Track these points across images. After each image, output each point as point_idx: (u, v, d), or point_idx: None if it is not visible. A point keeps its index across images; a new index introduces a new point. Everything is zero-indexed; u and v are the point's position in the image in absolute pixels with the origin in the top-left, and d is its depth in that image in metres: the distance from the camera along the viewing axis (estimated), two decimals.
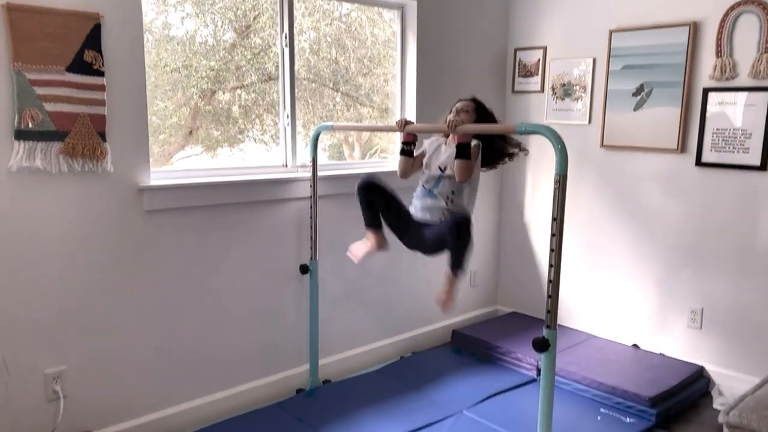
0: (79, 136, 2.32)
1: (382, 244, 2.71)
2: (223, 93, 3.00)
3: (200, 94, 2.91)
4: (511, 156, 2.68)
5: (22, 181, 2.22)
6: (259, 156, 3.14)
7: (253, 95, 3.08)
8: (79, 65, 2.30)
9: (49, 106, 2.24)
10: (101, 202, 2.42)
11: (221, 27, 2.94)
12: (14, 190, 2.21)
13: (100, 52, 2.34)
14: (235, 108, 3.03)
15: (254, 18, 3.03)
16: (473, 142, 2.45)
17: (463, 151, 2.41)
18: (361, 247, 2.74)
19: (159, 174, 2.63)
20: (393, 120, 3.61)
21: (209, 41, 2.88)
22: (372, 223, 2.68)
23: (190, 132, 2.98)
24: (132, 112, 2.47)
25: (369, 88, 3.59)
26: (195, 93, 2.89)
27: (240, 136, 3.08)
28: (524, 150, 2.70)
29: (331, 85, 3.39)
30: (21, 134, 2.19)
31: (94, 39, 2.32)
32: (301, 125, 3.16)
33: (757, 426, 2.18)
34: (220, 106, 3.00)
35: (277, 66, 3.07)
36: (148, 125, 2.53)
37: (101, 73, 2.35)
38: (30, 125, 2.20)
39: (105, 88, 2.36)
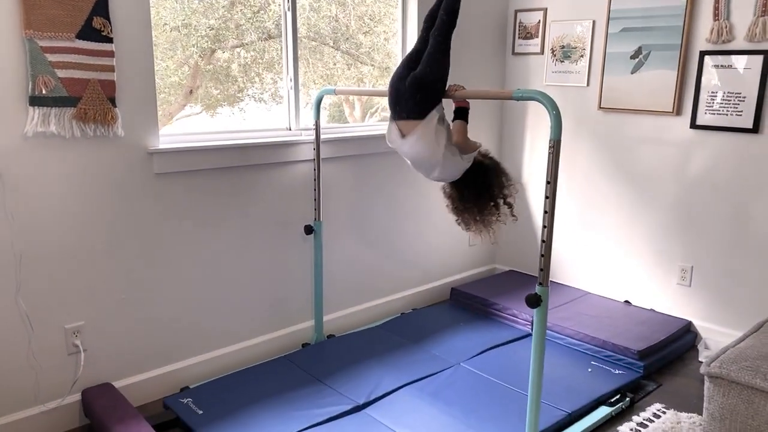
0: (90, 102, 2.39)
1: None
2: (223, 52, 3.03)
3: (200, 54, 2.95)
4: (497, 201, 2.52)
5: (38, 146, 2.31)
6: (259, 115, 3.18)
7: (252, 53, 3.12)
8: (89, 32, 2.35)
9: (61, 73, 2.31)
10: (113, 166, 2.52)
11: None
12: (31, 155, 2.30)
13: (108, 18, 2.39)
14: (234, 66, 3.07)
15: None
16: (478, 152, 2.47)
17: (460, 113, 2.44)
18: None
19: (168, 138, 2.71)
20: None
21: None
22: None
23: (191, 91, 3.04)
24: (140, 77, 2.54)
25: (369, 46, 3.63)
26: (195, 52, 2.93)
27: (239, 95, 3.13)
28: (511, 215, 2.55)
29: (331, 43, 3.43)
30: (35, 100, 2.27)
31: (102, 6, 2.37)
32: (301, 84, 3.21)
33: (736, 376, 2.32)
34: (219, 64, 3.04)
35: (277, 24, 3.10)
36: (155, 90, 2.60)
37: (110, 40, 2.41)
38: (43, 91, 2.27)
39: (114, 55, 2.42)
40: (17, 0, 2.17)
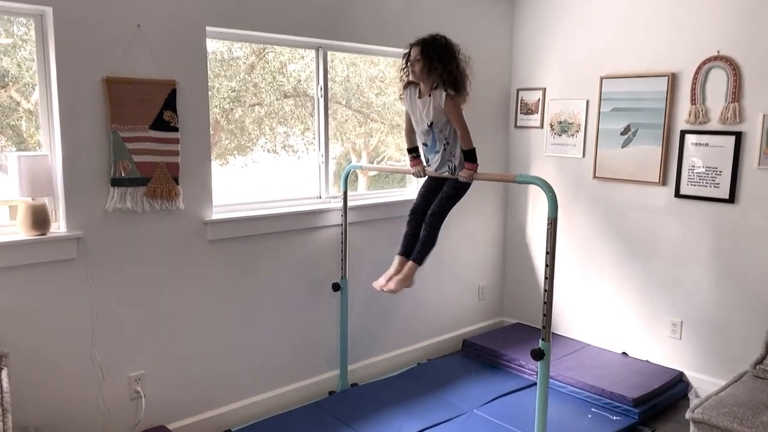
0: (158, 181, 2.82)
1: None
2: (242, 110, 3.44)
3: (221, 113, 3.37)
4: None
5: (115, 219, 2.73)
6: (271, 164, 3.57)
7: (266, 108, 3.52)
8: (160, 123, 2.81)
9: (137, 158, 2.75)
10: (174, 234, 2.93)
11: (241, 48, 3.38)
12: (109, 226, 2.72)
13: (175, 111, 2.85)
14: (248, 121, 3.44)
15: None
16: (447, 93, 2.77)
17: (468, 156, 2.85)
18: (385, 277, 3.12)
19: (219, 209, 3.13)
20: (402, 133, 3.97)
21: (225, 56, 3.29)
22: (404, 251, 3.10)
23: None
24: (198, 159, 2.98)
25: (380, 105, 4.07)
26: (217, 112, 3.32)
27: (249, 145, 3.49)
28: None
29: (343, 102, 3.87)
30: (116, 182, 2.70)
31: (171, 101, 2.83)
32: (313, 137, 3.59)
33: (717, 421, 2.66)
34: (235, 118, 3.42)
35: (294, 87, 3.55)
36: (211, 170, 3.04)
37: (176, 129, 2.86)
38: (122, 174, 2.71)
39: (179, 141, 2.87)
40: (107, 101, 2.63)
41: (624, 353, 4.02)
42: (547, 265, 2.47)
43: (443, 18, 3.95)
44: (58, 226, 2.65)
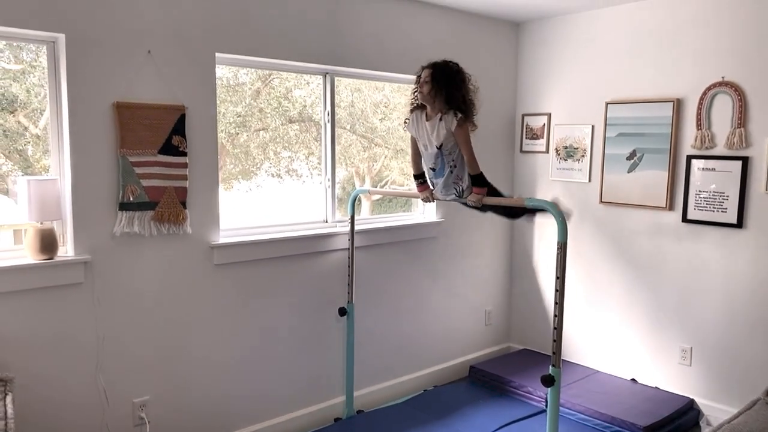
0: (166, 206, 2.83)
1: None
2: (247, 135, 3.46)
3: (227, 138, 3.38)
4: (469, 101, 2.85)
5: (123, 243, 2.73)
6: (276, 189, 3.58)
7: (271, 133, 3.55)
8: (168, 148, 2.82)
9: (145, 182, 2.76)
10: (181, 258, 2.92)
11: (247, 74, 3.41)
12: (117, 250, 2.72)
13: (184, 136, 2.87)
14: (252, 145, 3.47)
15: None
16: (457, 117, 2.76)
17: (476, 181, 2.88)
18: None
19: (226, 233, 3.13)
20: (406, 157, 4.06)
21: (231, 82, 3.32)
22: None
23: None
24: (206, 183, 2.98)
25: (384, 130, 4.10)
26: (223, 137, 3.34)
27: (254, 170, 3.51)
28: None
29: (348, 127, 3.89)
30: (124, 206, 2.71)
31: (180, 126, 2.85)
32: (318, 162, 3.61)
33: None
34: (240, 142, 3.44)
35: (300, 112, 3.57)
36: (219, 194, 3.04)
37: (185, 154, 2.87)
38: (131, 198, 2.72)
39: (187, 166, 2.88)
40: (117, 126, 2.65)
41: (633, 380, 3.97)
42: (556, 290, 2.46)
43: (449, 44, 3.99)
44: (66, 250, 2.65)
